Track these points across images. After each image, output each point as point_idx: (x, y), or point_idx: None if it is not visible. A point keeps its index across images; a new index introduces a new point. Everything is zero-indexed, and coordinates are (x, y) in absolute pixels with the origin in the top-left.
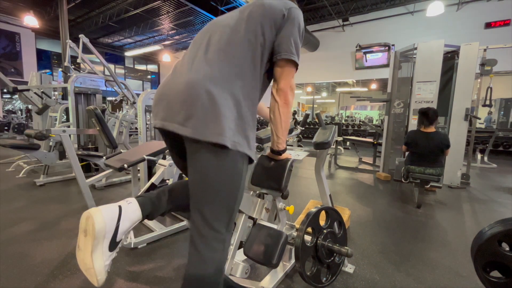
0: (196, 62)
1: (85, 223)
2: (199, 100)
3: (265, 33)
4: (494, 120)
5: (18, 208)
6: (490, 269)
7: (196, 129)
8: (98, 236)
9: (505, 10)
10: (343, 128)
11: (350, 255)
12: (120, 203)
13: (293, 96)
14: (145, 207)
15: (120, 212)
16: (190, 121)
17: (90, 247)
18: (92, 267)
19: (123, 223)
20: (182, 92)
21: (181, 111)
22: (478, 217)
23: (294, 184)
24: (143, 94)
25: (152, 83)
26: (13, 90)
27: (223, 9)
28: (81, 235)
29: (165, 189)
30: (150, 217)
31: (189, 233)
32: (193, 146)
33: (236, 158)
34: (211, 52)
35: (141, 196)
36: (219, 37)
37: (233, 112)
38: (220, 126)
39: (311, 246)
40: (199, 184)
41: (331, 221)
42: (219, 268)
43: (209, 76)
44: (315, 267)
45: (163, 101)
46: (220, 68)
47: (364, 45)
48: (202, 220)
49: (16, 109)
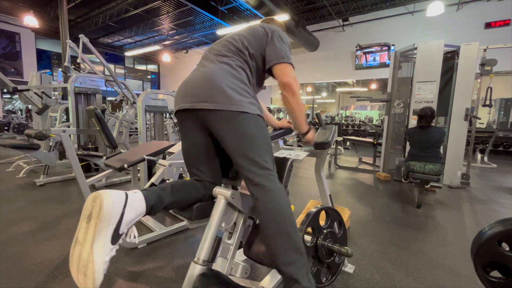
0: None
1: (90, 206)
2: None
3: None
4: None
5: (18, 208)
6: (490, 269)
7: (224, 104)
8: (104, 219)
9: (505, 10)
10: (343, 128)
11: (350, 255)
12: (125, 191)
13: (298, 85)
14: (150, 198)
15: (127, 198)
16: (217, 100)
17: (93, 235)
18: (92, 261)
19: (129, 211)
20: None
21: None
22: (478, 217)
23: (294, 184)
24: (143, 94)
25: (152, 83)
26: (13, 90)
27: (223, 9)
28: (82, 223)
29: (167, 184)
30: (154, 210)
31: (245, 183)
32: (224, 116)
33: (257, 118)
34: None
35: (145, 189)
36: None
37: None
38: (239, 101)
39: (311, 246)
40: (241, 141)
41: (331, 221)
42: (284, 192)
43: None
44: (315, 267)
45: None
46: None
47: (364, 45)
48: (255, 165)
49: (16, 109)
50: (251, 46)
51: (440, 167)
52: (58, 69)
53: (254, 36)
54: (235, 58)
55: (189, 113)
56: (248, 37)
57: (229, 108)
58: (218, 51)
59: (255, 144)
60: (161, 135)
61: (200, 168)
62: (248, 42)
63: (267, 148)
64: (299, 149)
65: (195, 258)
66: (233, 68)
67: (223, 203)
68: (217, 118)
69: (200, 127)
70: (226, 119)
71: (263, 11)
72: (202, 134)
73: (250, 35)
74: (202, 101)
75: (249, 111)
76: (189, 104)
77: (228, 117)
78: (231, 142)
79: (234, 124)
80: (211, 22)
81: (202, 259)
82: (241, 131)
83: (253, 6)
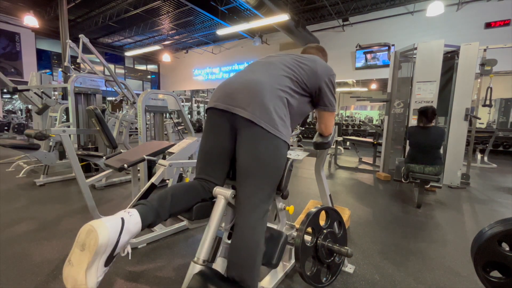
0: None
1: (84, 237)
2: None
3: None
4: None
5: (18, 208)
6: (490, 269)
7: (261, 119)
8: (98, 252)
9: (505, 10)
10: (343, 128)
11: (350, 255)
12: (122, 214)
13: (327, 130)
14: (147, 218)
15: (123, 226)
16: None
17: (86, 263)
18: (85, 284)
19: (124, 236)
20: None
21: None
22: (478, 217)
23: (294, 184)
24: (143, 94)
25: (152, 83)
26: (13, 90)
27: (223, 9)
28: (76, 249)
29: (167, 193)
30: (152, 225)
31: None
32: (255, 131)
33: (284, 145)
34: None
35: (142, 204)
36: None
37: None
38: (276, 123)
39: (311, 246)
40: (257, 163)
41: (331, 221)
42: (263, 230)
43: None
44: (315, 267)
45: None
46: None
47: (364, 45)
48: (255, 192)
49: (16, 109)
50: (306, 82)
51: (439, 169)
52: (58, 69)
53: (310, 73)
54: (288, 85)
55: (224, 113)
56: (307, 73)
57: (266, 127)
58: (275, 68)
59: (268, 173)
60: (161, 135)
61: (215, 170)
62: (307, 79)
63: (275, 179)
64: (299, 149)
65: (195, 258)
66: (283, 90)
67: (223, 203)
68: (248, 128)
69: (230, 130)
70: (256, 135)
71: (263, 11)
72: (230, 139)
73: (308, 71)
74: (239, 106)
75: (281, 137)
76: (225, 105)
77: (259, 134)
78: (248, 158)
79: (260, 143)
80: (211, 22)
81: (202, 258)
82: (262, 153)
83: (253, 6)
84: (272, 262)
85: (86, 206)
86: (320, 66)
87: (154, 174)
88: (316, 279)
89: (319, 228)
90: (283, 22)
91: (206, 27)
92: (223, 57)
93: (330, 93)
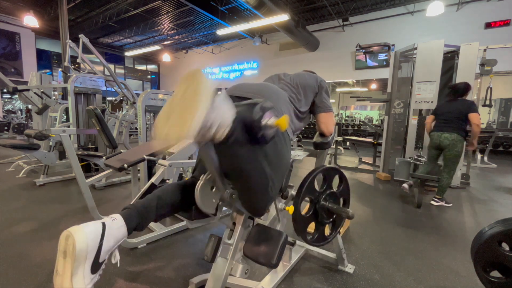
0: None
1: (64, 243)
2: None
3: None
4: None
5: (18, 208)
6: (490, 269)
7: None
8: (79, 257)
9: (505, 10)
10: (343, 128)
11: (351, 217)
12: (104, 219)
13: (328, 130)
14: (131, 221)
15: (104, 230)
16: None
17: (70, 270)
18: None
19: (107, 241)
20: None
21: None
22: (478, 217)
23: (294, 184)
24: (143, 94)
25: (152, 83)
26: (13, 90)
27: (223, 9)
28: (60, 257)
29: (154, 195)
30: (140, 228)
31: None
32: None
33: (284, 135)
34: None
35: (127, 209)
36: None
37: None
38: None
39: (310, 215)
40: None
41: (328, 182)
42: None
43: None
44: (317, 230)
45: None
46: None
47: (364, 45)
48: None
49: (16, 109)
50: (303, 104)
51: (456, 137)
52: (58, 69)
53: (303, 89)
54: (294, 102)
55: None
56: (307, 95)
57: None
58: (289, 86)
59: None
60: None
61: None
62: (306, 100)
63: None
64: (299, 149)
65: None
66: (291, 104)
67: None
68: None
69: None
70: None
71: (263, 11)
72: None
73: (308, 92)
74: (251, 96)
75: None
76: (239, 92)
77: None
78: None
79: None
80: (211, 22)
81: None
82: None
83: (253, 6)
84: (272, 262)
85: (86, 206)
86: (308, 75)
87: (154, 174)
88: (320, 240)
89: (315, 194)
90: (283, 22)
91: (206, 27)
92: (223, 57)
93: (326, 94)
